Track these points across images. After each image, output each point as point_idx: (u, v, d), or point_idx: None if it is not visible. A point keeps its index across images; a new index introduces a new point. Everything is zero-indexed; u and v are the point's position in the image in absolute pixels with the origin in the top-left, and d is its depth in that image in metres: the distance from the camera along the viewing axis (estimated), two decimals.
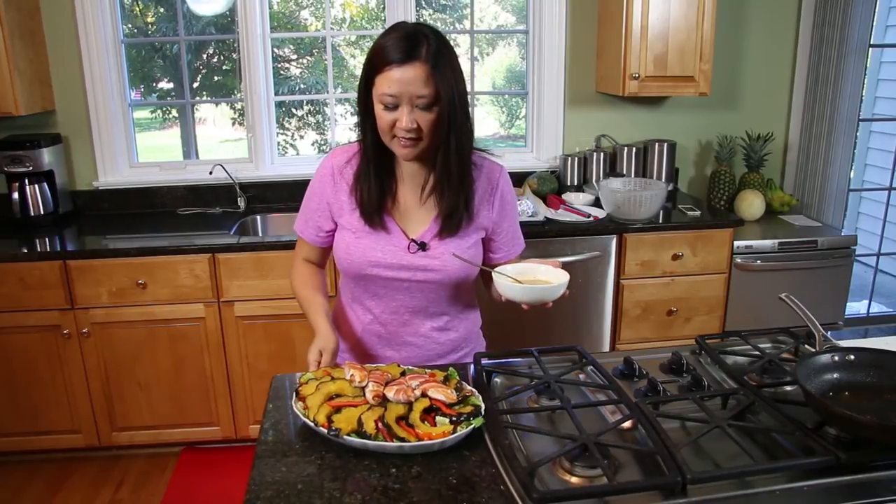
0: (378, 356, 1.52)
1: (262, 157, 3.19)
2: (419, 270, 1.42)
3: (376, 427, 1.07)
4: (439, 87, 1.27)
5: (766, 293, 2.84)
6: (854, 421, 0.99)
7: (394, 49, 1.27)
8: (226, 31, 3.26)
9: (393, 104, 1.28)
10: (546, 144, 3.27)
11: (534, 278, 1.36)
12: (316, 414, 1.11)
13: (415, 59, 1.26)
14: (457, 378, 1.21)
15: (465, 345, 1.57)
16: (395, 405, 1.11)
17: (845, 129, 3.18)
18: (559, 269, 1.36)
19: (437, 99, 1.28)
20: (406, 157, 1.35)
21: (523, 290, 1.31)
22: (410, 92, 1.27)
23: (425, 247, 1.42)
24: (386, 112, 1.29)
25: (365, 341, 1.52)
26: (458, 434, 1.07)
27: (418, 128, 1.29)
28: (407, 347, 1.51)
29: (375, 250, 1.41)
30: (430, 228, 1.43)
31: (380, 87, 1.29)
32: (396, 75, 1.26)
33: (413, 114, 1.28)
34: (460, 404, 1.13)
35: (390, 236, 1.42)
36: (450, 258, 1.42)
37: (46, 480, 2.69)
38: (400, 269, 1.42)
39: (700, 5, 2.81)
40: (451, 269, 1.41)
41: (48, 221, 2.90)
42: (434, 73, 1.27)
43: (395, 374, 1.21)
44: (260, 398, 2.69)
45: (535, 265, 1.40)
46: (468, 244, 1.45)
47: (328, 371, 1.25)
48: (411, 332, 1.49)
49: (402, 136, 1.30)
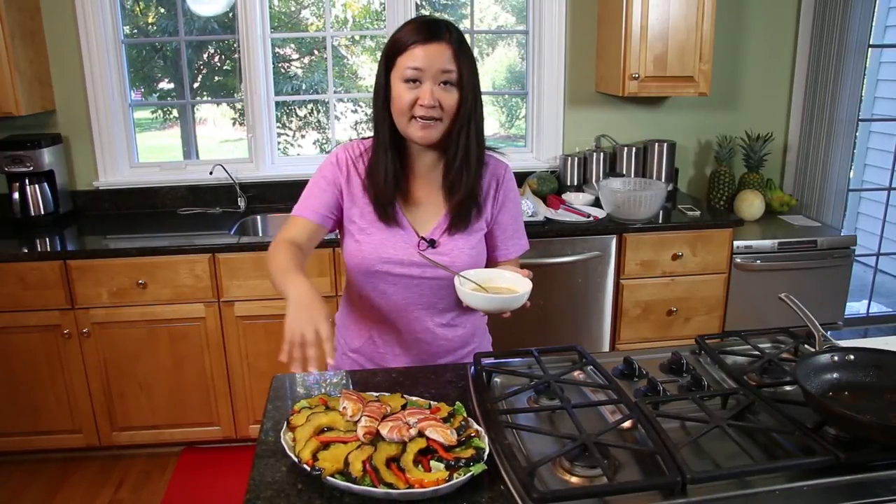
0: (387, 354, 1.51)
1: (262, 157, 3.19)
2: (428, 267, 1.42)
3: (364, 468, 0.97)
4: (462, 68, 1.31)
5: (766, 293, 2.84)
6: (854, 421, 0.99)
7: (418, 31, 1.30)
8: (226, 30, 3.26)
9: (416, 77, 1.29)
10: (546, 144, 3.27)
11: (497, 285, 1.34)
12: (302, 449, 1.02)
13: (440, 40, 1.30)
14: (463, 414, 1.11)
15: (472, 341, 1.56)
16: (387, 445, 1.01)
17: (845, 130, 3.18)
18: (524, 278, 1.34)
19: (460, 79, 1.31)
20: (423, 139, 1.34)
21: (482, 299, 1.29)
22: (436, 67, 1.29)
23: (434, 244, 1.43)
24: (408, 90, 1.30)
25: (374, 340, 1.52)
26: (453, 482, 0.95)
27: (439, 107, 1.30)
28: (417, 345, 1.50)
29: (387, 247, 1.41)
30: (440, 225, 1.44)
31: (403, 63, 1.30)
32: (421, 51, 1.29)
33: (435, 91, 1.30)
34: (461, 446, 1.03)
35: (403, 232, 1.42)
36: (458, 255, 1.42)
37: (46, 480, 2.69)
38: (410, 265, 1.42)
39: (700, 5, 2.82)
40: (459, 266, 1.41)
41: (48, 221, 2.90)
42: (459, 54, 1.31)
43: (395, 407, 1.13)
44: (260, 398, 2.70)
45: (500, 271, 1.38)
46: (475, 240, 1.46)
47: (324, 400, 1.16)
48: (421, 329, 1.49)
49: (421, 115, 1.31)
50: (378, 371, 1.42)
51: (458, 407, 1.14)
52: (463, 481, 0.97)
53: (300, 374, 1.39)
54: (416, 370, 1.40)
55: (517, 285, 1.33)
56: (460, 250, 1.43)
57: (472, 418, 1.14)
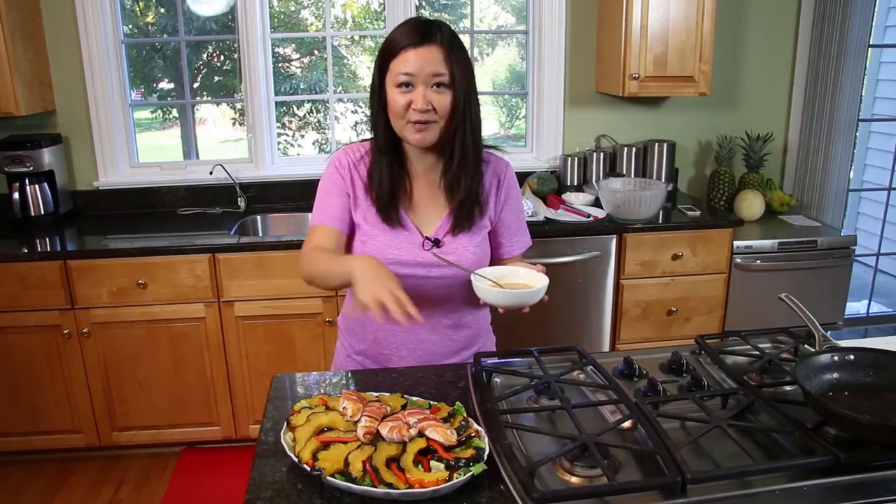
0: (392, 355, 1.51)
1: (262, 157, 3.19)
2: (433, 267, 1.42)
3: (364, 468, 0.98)
4: (454, 69, 1.31)
5: (766, 293, 2.84)
6: (854, 421, 0.99)
7: (409, 34, 1.31)
8: (226, 30, 3.26)
9: (408, 82, 1.30)
10: (546, 144, 3.27)
11: (513, 282, 1.35)
12: (302, 449, 1.02)
13: (431, 42, 1.30)
14: (463, 414, 1.12)
15: (476, 341, 1.56)
16: (387, 445, 1.02)
17: (845, 130, 3.18)
18: (540, 273, 1.35)
19: (453, 80, 1.31)
20: (419, 142, 1.36)
21: (501, 295, 1.29)
22: (427, 70, 1.30)
23: (439, 243, 1.43)
24: (401, 94, 1.31)
25: (380, 340, 1.51)
26: (453, 482, 0.96)
27: (432, 109, 1.31)
28: (422, 345, 1.50)
29: (392, 247, 1.42)
30: (443, 225, 1.45)
31: (395, 68, 1.31)
32: (413, 55, 1.29)
33: (428, 94, 1.31)
34: (461, 447, 1.03)
35: (407, 233, 1.43)
36: (463, 254, 1.43)
37: (46, 480, 2.69)
38: (416, 266, 1.42)
39: (700, 5, 2.82)
40: (465, 265, 1.41)
41: (48, 221, 2.90)
42: (450, 55, 1.31)
43: (395, 407, 1.13)
44: (260, 398, 2.70)
45: (515, 268, 1.39)
46: (479, 239, 1.47)
47: (324, 400, 1.16)
48: (426, 329, 1.49)
49: (415, 118, 1.32)
50: (378, 371, 1.42)
51: (458, 407, 1.14)
52: (463, 481, 0.97)
53: (300, 374, 1.40)
54: (417, 370, 1.40)
55: (533, 281, 1.34)
56: (465, 249, 1.44)
57: (473, 418, 1.14)
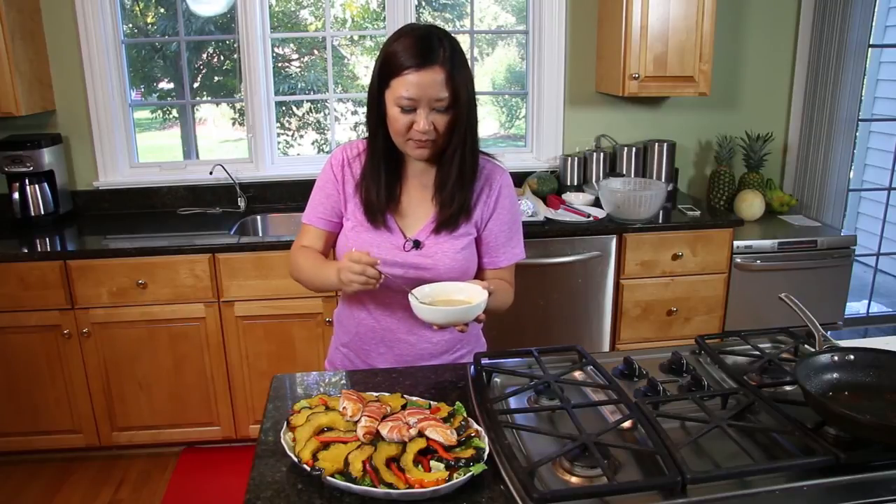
0: (372, 352, 1.53)
1: (262, 157, 3.19)
2: (411, 268, 1.43)
3: (364, 468, 0.98)
4: (457, 89, 1.30)
5: (766, 293, 2.84)
6: (854, 421, 0.99)
7: (411, 53, 1.28)
8: (226, 30, 3.26)
9: (410, 107, 1.30)
10: (546, 144, 3.27)
11: (454, 298, 1.33)
12: (302, 449, 1.02)
13: (433, 64, 1.28)
14: (463, 414, 1.12)
15: (460, 346, 1.56)
16: (386, 445, 1.02)
17: (845, 130, 3.18)
18: (478, 287, 1.32)
19: (455, 101, 1.31)
20: (420, 157, 1.38)
21: (435, 313, 1.29)
22: (429, 95, 1.29)
23: (419, 245, 1.44)
24: (402, 115, 1.31)
25: (361, 337, 1.53)
26: (453, 482, 0.96)
27: (434, 129, 1.32)
28: (400, 345, 1.51)
29: (371, 246, 1.43)
30: (427, 227, 1.45)
31: (396, 90, 1.30)
32: (415, 79, 1.28)
33: (430, 116, 1.30)
34: (461, 446, 1.03)
35: (389, 234, 1.44)
36: (441, 257, 1.43)
37: (46, 480, 2.69)
38: (393, 265, 1.43)
39: (700, 5, 2.82)
40: (442, 268, 1.42)
41: (48, 221, 2.90)
42: (452, 76, 1.29)
43: (395, 407, 1.13)
44: (260, 398, 2.69)
45: (460, 284, 1.37)
46: (461, 245, 1.46)
47: (324, 400, 1.16)
48: (405, 330, 1.50)
49: (417, 138, 1.32)
50: (378, 371, 1.42)
51: (458, 407, 1.14)
52: (463, 481, 0.97)
53: (300, 374, 1.40)
54: (417, 370, 1.40)
55: (473, 296, 1.31)
56: (444, 253, 1.44)
57: (472, 418, 1.14)
